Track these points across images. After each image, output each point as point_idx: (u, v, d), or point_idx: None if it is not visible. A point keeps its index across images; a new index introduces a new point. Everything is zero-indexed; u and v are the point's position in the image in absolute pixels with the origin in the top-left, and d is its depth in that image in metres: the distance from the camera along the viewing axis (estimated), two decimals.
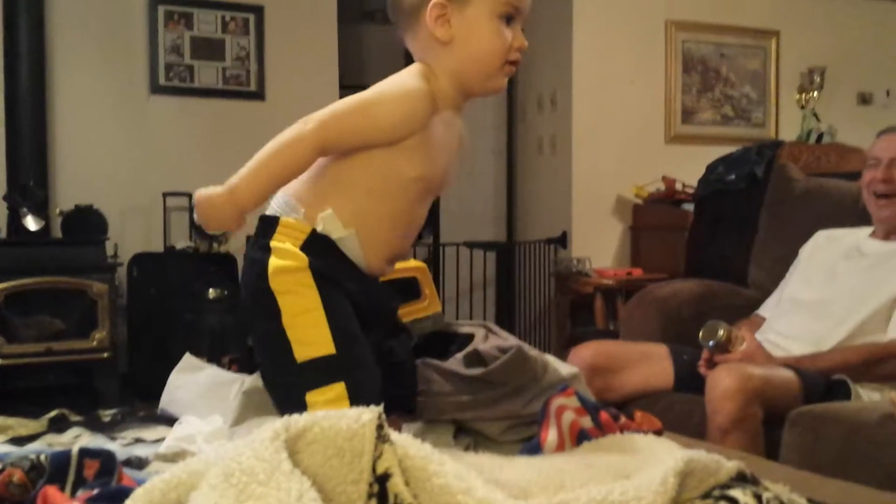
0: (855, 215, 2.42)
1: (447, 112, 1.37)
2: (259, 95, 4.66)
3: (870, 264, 2.27)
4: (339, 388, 1.23)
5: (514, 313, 5.02)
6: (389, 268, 1.43)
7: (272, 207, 1.36)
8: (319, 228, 1.31)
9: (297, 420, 0.84)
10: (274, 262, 1.29)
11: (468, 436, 1.56)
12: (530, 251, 4.89)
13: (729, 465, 0.84)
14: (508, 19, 1.34)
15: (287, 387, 1.30)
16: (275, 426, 0.84)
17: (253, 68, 4.66)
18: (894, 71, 5.42)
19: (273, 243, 1.31)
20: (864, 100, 5.38)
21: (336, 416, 0.81)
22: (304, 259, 1.28)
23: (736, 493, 0.80)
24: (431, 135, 1.33)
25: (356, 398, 1.22)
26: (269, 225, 1.34)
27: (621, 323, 2.94)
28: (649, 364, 2.36)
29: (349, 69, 5.04)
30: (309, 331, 1.27)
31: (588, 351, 2.36)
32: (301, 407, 1.23)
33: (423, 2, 1.33)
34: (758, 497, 0.83)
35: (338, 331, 1.27)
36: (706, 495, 0.82)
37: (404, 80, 1.33)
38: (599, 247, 4.75)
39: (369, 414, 0.77)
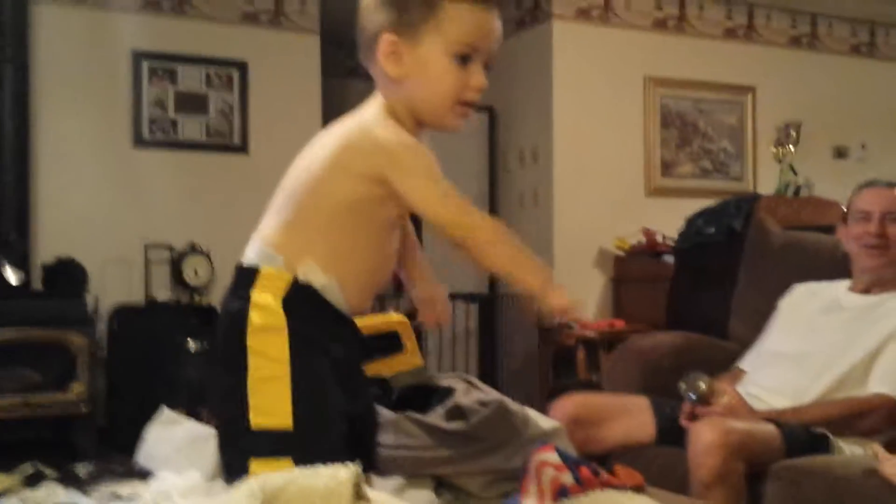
0: (831, 268, 2.45)
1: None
2: (242, 149, 4.68)
3: (850, 318, 2.29)
4: (285, 464, 1.19)
5: (496, 365, 5.01)
6: (370, 305, 1.42)
7: (248, 257, 1.34)
8: (301, 277, 1.30)
9: (273, 478, 0.84)
10: (255, 317, 1.27)
11: (449, 491, 1.55)
12: (513, 303, 4.90)
13: None
14: (464, 59, 1.30)
15: (235, 447, 1.28)
16: (251, 484, 0.83)
17: (236, 122, 4.70)
18: (868, 125, 5.53)
19: (254, 295, 1.29)
20: (840, 153, 5.48)
21: (313, 474, 0.81)
22: (283, 320, 1.26)
23: None
24: None
25: None
26: (247, 276, 1.32)
27: (603, 375, 2.94)
28: (631, 417, 2.35)
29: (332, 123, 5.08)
30: (270, 400, 1.24)
31: (569, 403, 2.35)
32: (243, 471, 1.20)
33: (378, 35, 1.32)
34: None
35: (302, 406, 1.24)
36: None
37: (389, 129, 1.31)
38: (583, 300, 4.76)
39: (346, 472, 0.77)
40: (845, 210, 2.44)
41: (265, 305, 1.28)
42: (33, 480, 1.63)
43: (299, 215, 1.33)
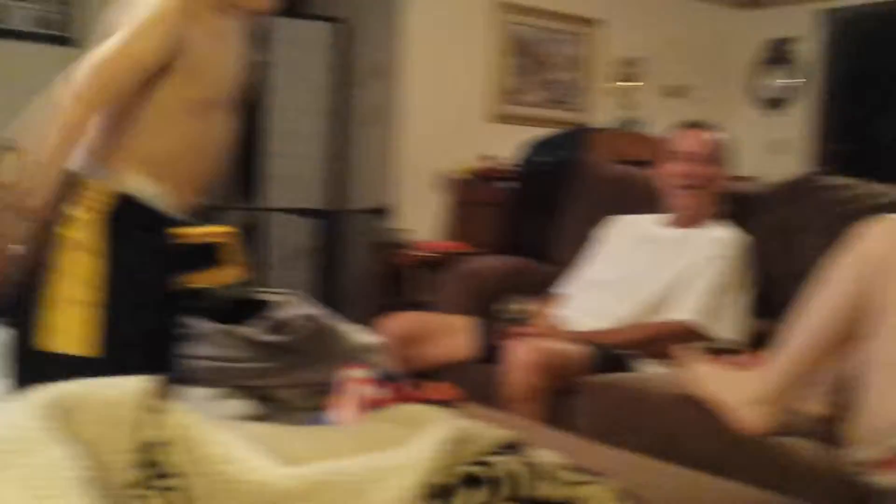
0: (646, 201, 2.59)
1: (212, 22, 1.30)
2: (70, 41, 4.38)
3: (660, 248, 2.45)
4: None
5: (335, 282, 5.02)
6: (199, 199, 1.37)
7: (73, 161, 1.29)
8: (127, 189, 1.25)
9: (68, 387, 0.82)
10: (69, 233, 1.23)
11: (269, 404, 1.56)
12: (354, 220, 4.90)
13: (495, 434, 0.90)
14: None
15: (26, 364, 1.24)
16: (46, 393, 0.82)
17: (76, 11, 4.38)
18: (704, 67, 5.79)
19: (73, 210, 1.24)
20: (675, 93, 5.73)
21: (107, 384, 0.80)
22: (100, 241, 1.22)
23: (497, 458, 0.86)
24: (197, 50, 1.26)
25: None
26: (69, 185, 1.26)
27: (435, 295, 3.02)
28: (455, 336, 2.44)
29: None
30: (71, 323, 1.20)
31: (397, 322, 2.42)
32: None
33: None
34: (520, 463, 0.89)
35: (107, 335, 1.21)
36: (473, 463, 0.87)
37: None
38: (421, 220, 4.82)
39: (138, 383, 0.77)
40: (661, 149, 2.57)
41: (84, 222, 1.23)
42: None
43: (113, 120, 1.28)
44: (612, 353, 2.21)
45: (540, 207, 3.40)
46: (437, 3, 4.85)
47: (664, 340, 2.26)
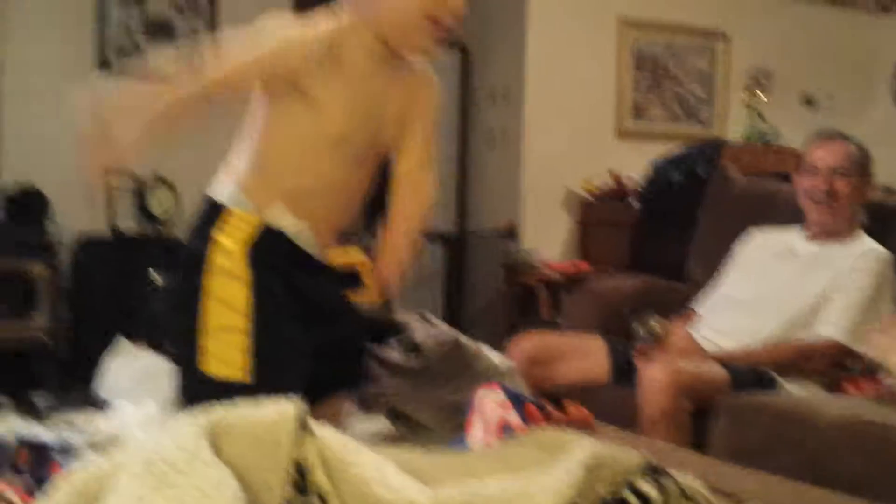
0: (788, 215, 2.49)
1: (367, 63, 1.29)
2: None
3: (801, 264, 2.35)
4: None
5: (462, 305, 5.05)
6: (334, 239, 1.38)
7: (219, 193, 1.32)
8: (270, 222, 1.28)
9: (220, 410, 0.86)
10: (218, 260, 1.25)
11: (404, 424, 1.59)
12: (480, 242, 4.93)
13: (635, 458, 0.88)
14: None
15: (189, 389, 1.27)
16: (197, 416, 0.85)
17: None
18: (837, 75, 5.55)
19: (220, 237, 1.26)
20: (809, 102, 5.50)
21: (258, 407, 0.83)
22: (246, 270, 1.24)
23: (641, 483, 0.84)
24: (343, 88, 1.26)
25: None
26: (215, 214, 1.29)
27: (564, 316, 2.99)
28: (587, 356, 2.41)
29: None
30: (228, 349, 1.23)
31: (527, 342, 2.40)
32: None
33: None
34: (661, 487, 0.86)
35: (260, 361, 1.23)
36: (613, 487, 0.86)
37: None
38: (548, 240, 4.79)
39: (290, 406, 0.79)
40: (800, 161, 2.47)
41: (230, 251, 1.26)
42: None
43: (256, 149, 1.31)
44: (753, 373, 2.13)
45: (671, 224, 3.32)
46: (560, 24, 4.84)
47: (810, 359, 2.17)
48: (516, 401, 1.19)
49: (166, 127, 1.22)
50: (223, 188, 1.33)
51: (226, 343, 1.23)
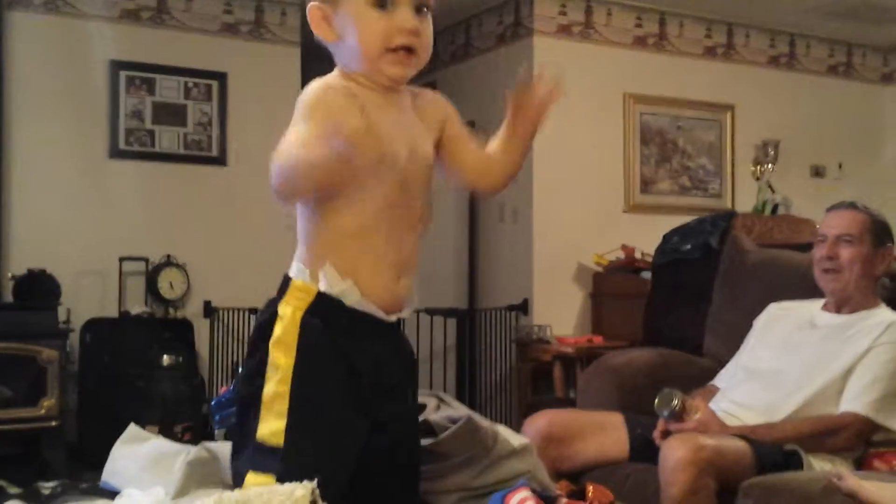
0: (805, 286, 2.45)
1: (372, 96, 1.34)
2: (220, 161, 4.66)
3: (822, 336, 2.30)
4: (271, 481, 1.17)
5: (474, 381, 4.99)
6: (398, 287, 1.35)
7: (291, 267, 1.35)
8: (323, 288, 1.29)
9: (230, 496, 0.82)
10: (277, 329, 1.28)
11: None
12: (491, 318, 4.89)
13: None
14: (382, 4, 1.29)
15: (240, 454, 1.30)
16: (207, 502, 0.82)
17: (215, 133, 4.68)
18: (845, 144, 5.58)
19: (280, 307, 1.30)
20: (817, 172, 5.52)
21: (270, 491, 0.79)
22: (294, 335, 1.26)
23: None
24: (366, 121, 1.28)
25: None
26: (281, 287, 1.33)
27: (578, 391, 2.93)
28: (605, 433, 2.34)
29: None
30: (273, 414, 1.25)
31: (543, 420, 2.34)
32: (239, 479, 1.23)
33: (308, 9, 1.35)
34: None
35: (294, 426, 1.24)
36: None
37: (314, 83, 1.33)
38: (560, 314, 4.76)
39: (302, 490, 0.76)
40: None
41: (285, 318, 1.29)
42: None
43: (306, 218, 1.32)
44: (778, 449, 2.06)
45: (684, 296, 3.29)
46: (567, 100, 4.88)
47: (836, 434, 2.11)
48: (547, 499, 1.15)
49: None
50: (294, 261, 1.35)
51: (272, 408, 1.25)
